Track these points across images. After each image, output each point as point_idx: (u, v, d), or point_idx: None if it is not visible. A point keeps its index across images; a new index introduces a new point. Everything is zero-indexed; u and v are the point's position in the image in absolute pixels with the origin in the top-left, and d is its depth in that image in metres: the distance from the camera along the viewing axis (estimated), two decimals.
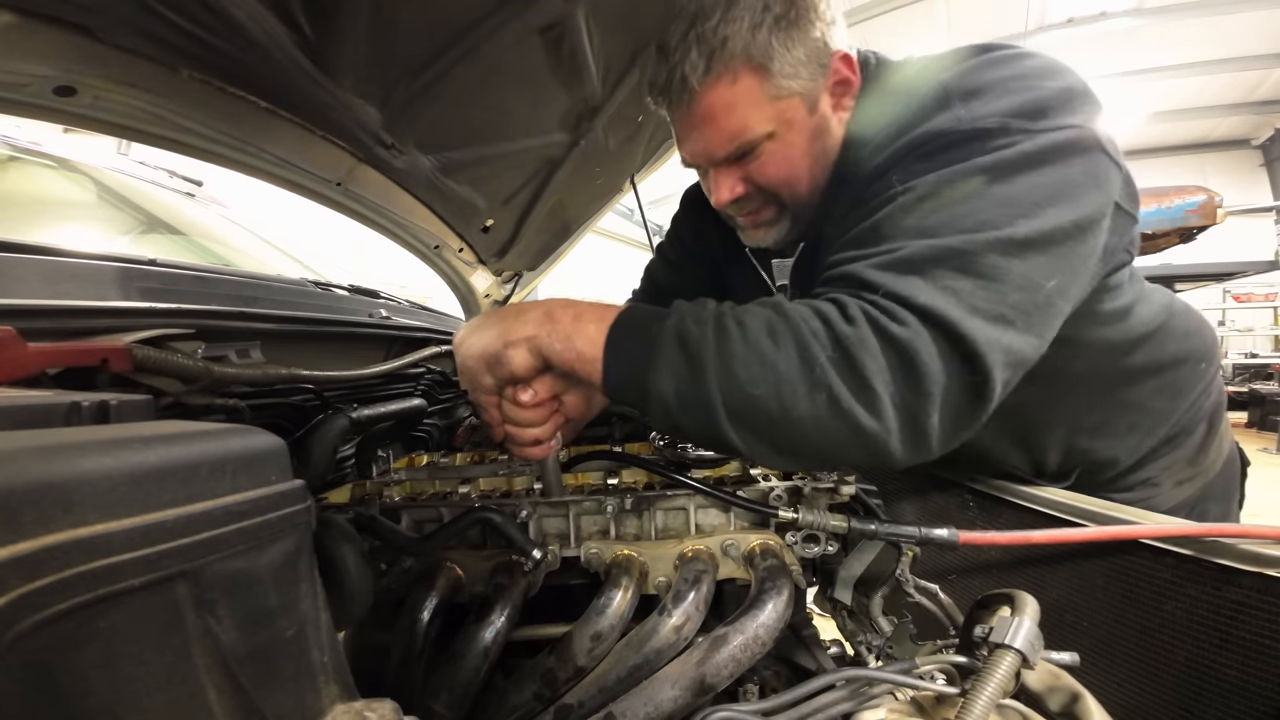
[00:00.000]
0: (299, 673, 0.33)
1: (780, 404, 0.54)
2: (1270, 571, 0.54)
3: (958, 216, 0.56)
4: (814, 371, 0.54)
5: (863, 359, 0.53)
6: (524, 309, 0.64)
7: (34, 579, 0.22)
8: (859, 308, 0.55)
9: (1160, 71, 8.71)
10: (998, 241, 0.55)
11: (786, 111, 0.71)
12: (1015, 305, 0.54)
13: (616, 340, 0.60)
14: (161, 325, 0.65)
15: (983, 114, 0.59)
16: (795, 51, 0.68)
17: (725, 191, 0.78)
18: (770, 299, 0.61)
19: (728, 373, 0.56)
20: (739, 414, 0.56)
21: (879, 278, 0.56)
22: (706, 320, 0.59)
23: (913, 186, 0.59)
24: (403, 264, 1.76)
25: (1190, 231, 6.96)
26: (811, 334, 0.55)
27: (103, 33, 0.75)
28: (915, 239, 0.56)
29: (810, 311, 0.57)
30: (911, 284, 0.54)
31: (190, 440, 0.30)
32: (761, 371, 0.55)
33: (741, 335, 0.56)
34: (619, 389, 0.61)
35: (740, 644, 0.59)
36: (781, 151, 0.74)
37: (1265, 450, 6.68)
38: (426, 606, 0.66)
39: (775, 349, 0.55)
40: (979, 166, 0.57)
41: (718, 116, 0.71)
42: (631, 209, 10.53)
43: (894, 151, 0.63)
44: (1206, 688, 0.58)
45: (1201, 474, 0.94)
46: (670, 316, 0.60)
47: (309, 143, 1.10)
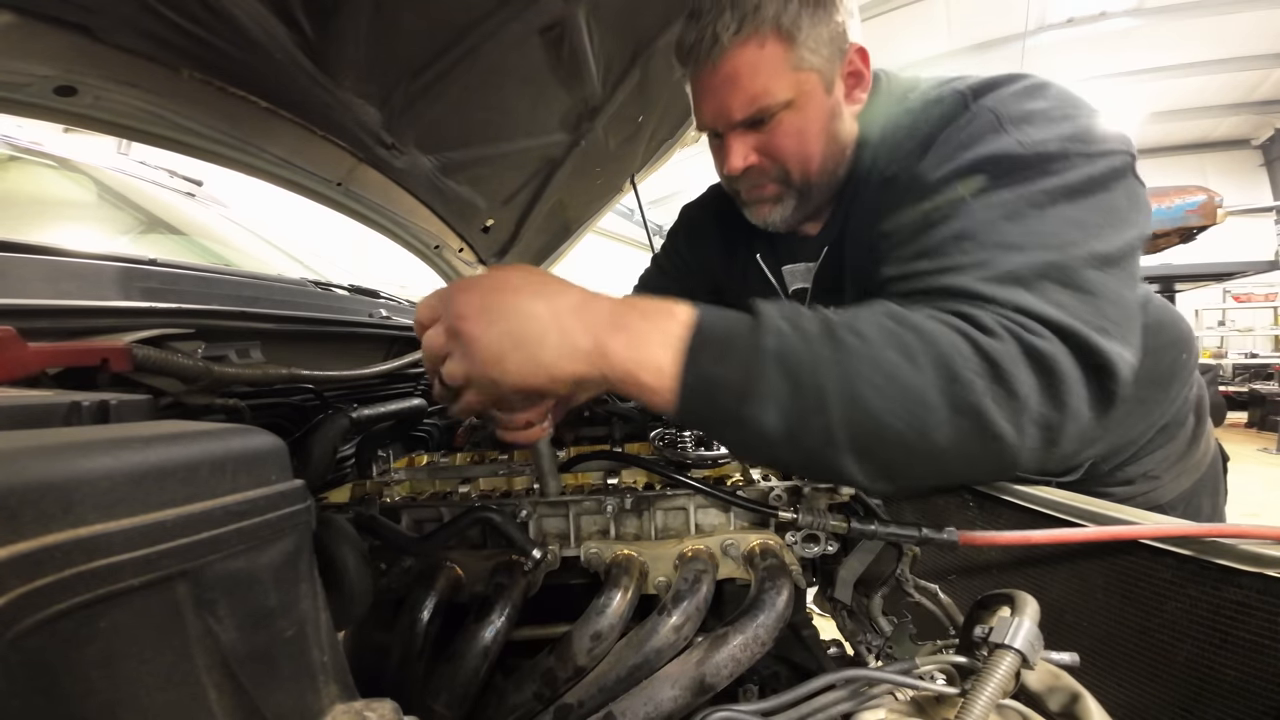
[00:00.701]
0: (299, 673, 0.33)
1: (918, 431, 0.50)
2: (1270, 571, 0.54)
3: (1041, 233, 0.57)
4: (961, 392, 0.49)
5: (1014, 373, 0.50)
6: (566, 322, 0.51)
7: (34, 579, 0.22)
8: (996, 320, 0.52)
9: (1160, 71, 8.71)
10: (1091, 257, 0.55)
11: (805, 84, 0.73)
12: (1113, 319, 0.55)
13: (695, 366, 0.51)
14: (161, 325, 0.65)
15: (1041, 139, 0.61)
16: (820, 30, 0.71)
17: (738, 159, 0.78)
18: (878, 304, 0.56)
19: (853, 400, 0.49)
20: (864, 446, 0.50)
21: (993, 291, 0.54)
22: (816, 336, 0.51)
23: (992, 203, 0.59)
24: (403, 264, 1.77)
25: (1190, 231, 6.96)
26: (953, 348, 0.50)
27: (103, 33, 0.75)
28: (1010, 253, 0.56)
29: (943, 324, 0.52)
30: (1027, 298, 0.53)
31: (190, 440, 0.30)
32: (896, 395, 0.49)
33: (868, 352, 0.50)
34: (694, 415, 0.53)
35: (740, 644, 0.59)
36: (797, 123, 0.75)
37: (1265, 450, 6.67)
38: (426, 606, 0.66)
39: (913, 368, 0.50)
40: (1053, 187, 0.58)
41: (742, 77, 0.72)
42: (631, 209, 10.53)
43: (956, 168, 0.63)
44: (1206, 688, 0.58)
45: (1195, 467, 0.98)
46: (765, 332, 0.51)
47: (309, 143, 1.10)
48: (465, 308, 0.51)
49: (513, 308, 0.51)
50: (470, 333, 0.50)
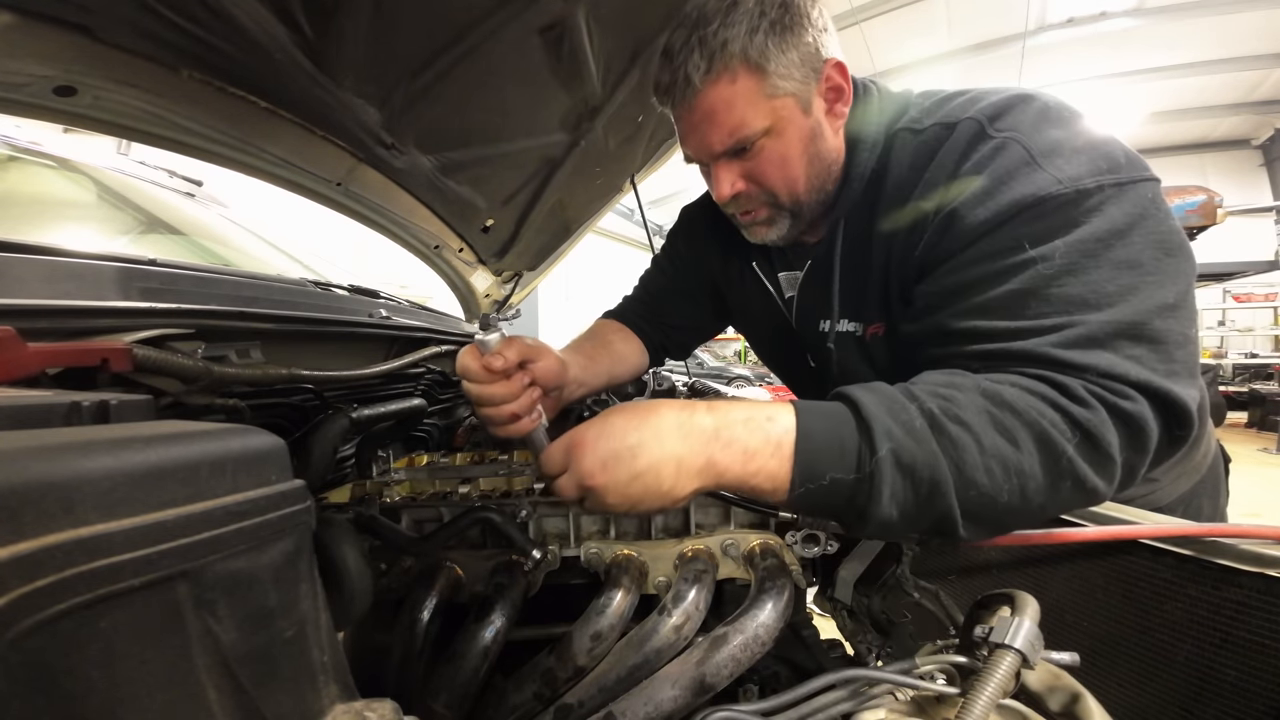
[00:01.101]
0: (299, 673, 0.33)
1: (1024, 499, 0.56)
2: (1270, 571, 0.54)
3: (1102, 284, 0.59)
4: (1060, 463, 0.55)
5: (1106, 438, 0.55)
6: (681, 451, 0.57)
7: (34, 579, 0.22)
8: (1084, 388, 0.57)
9: (1160, 71, 8.70)
10: (1156, 309, 0.59)
11: (782, 110, 0.74)
12: (1182, 360, 0.59)
13: (811, 471, 0.56)
14: (161, 325, 0.65)
15: (1075, 175, 0.63)
16: (789, 54, 0.72)
17: (726, 187, 0.80)
18: (967, 379, 0.60)
19: (968, 485, 0.55)
20: (975, 517, 0.57)
21: (1074, 357, 0.58)
22: (925, 434, 0.56)
23: (1048, 256, 0.61)
24: (404, 264, 1.77)
25: (1190, 231, 6.96)
26: (1051, 425, 0.55)
27: (103, 33, 0.75)
28: (1076, 311, 0.59)
29: (1037, 399, 0.57)
30: (1108, 359, 0.57)
31: (190, 440, 0.30)
32: (1004, 476, 0.55)
33: (975, 443, 0.55)
34: (812, 510, 0.62)
35: (740, 644, 0.59)
36: (778, 149, 0.77)
37: (1265, 450, 6.67)
38: (426, 606, 0.66)
39: (1016, 450, 0.55)
40: (1104, 232, 0.61)
41: (718, 113, 0.74)
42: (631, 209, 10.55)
43: (1001, 212, 0.64)
44: (1206, 688, 0.58)
45: (1194, 469, 0.97)
46: (879, 442, 0.55)
47: (309, 143, 1.10)
48: (590, 466, 0.58)
49: (628, 453, 0.57)
50: (601, 487, 0.58)
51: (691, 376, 1.73)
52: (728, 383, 7.46)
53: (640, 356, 1.14)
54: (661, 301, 1.19)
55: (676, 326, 1.20)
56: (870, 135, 0.80)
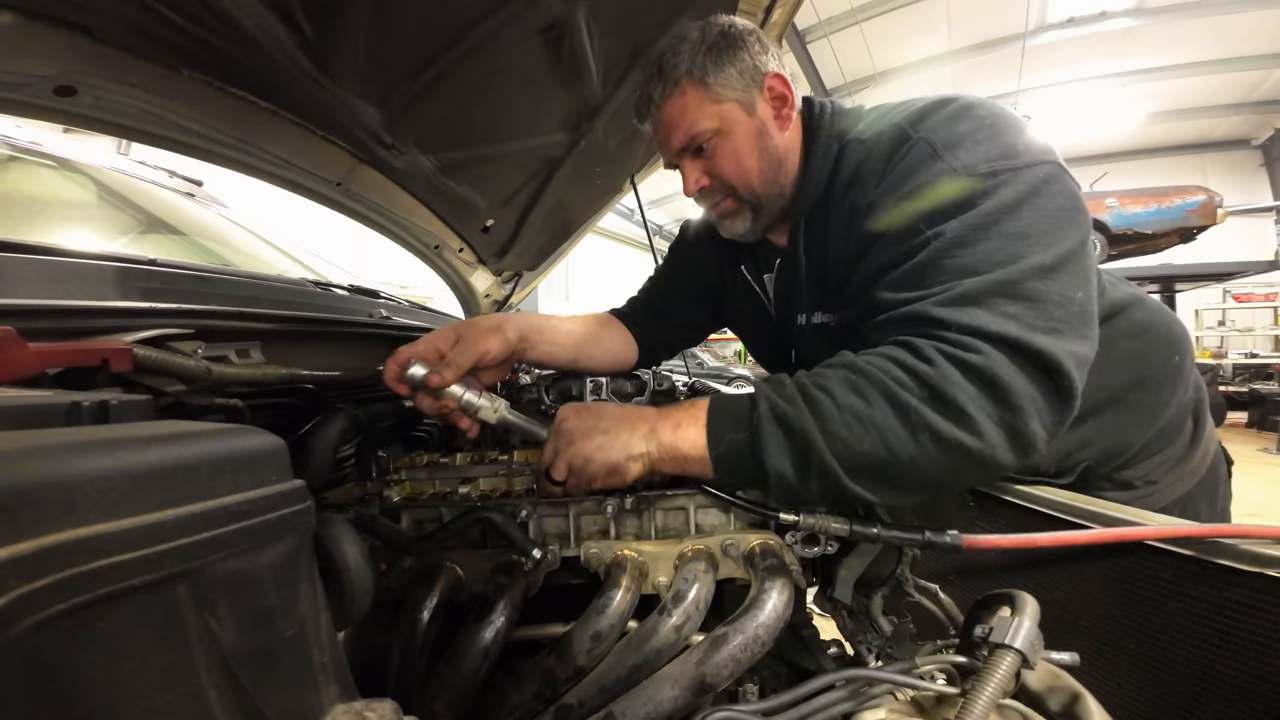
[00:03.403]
0: (299, 673, 0.33)
1: (889, 451, 0.62)
2: (1270, 571, 0.54)
3: (990, 253, 0.66)
4: (910, 415, 0.61)
5: (951, 392, 0.60)
6: (634, 420, 0.72)
7: (34, 579, 0.22)
8: (932, 348, 0.63)
9: (1160, 71, 8.71)
10: (1031, 269, 0.64)
11: (727, 113, 0.88)
12: (1060, 318, 0.63)
13: (717, 435, 0.69)
14: (161, 325, 0.65)
15: (970, 162, 0.71)
16: (727, 70, 0.86)
17: (691, 183, 0.94)
18: (840, 358, 0.69)
19: (832, 437, 0.63)
20: (855, 469, 0.63)
21: (945, 314, 0.64)
22: (794, 396, 0.66)
23: (941, 232, 0.69)
24: (404, 264, 1.77)
25: (1190, 231, 6.97)
26: (895, 382, 0.63)
27: (103, 33, 0.75)
28: (962, 277, 0.66)
29: (886, 361, 0.65)
30: (976, 315, 0.63)
31: (190, 440, 0.30)
32: (861, 428, 0.62)
33: (831, 400, 0.64)
34: (732, 475, 0.70)
35: (740, 644, 0.59)
36: (729, 145, 0.90)
37: (1265, 450, 6.67)
38: (426, 606, 0.66)
39: (867, 405, 0.63)
40: (992, 208, 0.68)
41: (674, 120, 0.90)
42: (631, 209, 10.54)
43: (902, 198, 0.74)
44: (1206, 688, 0.58)
45: (1192, 472, 0.99)
46: (759, 402, 0.67)
47: (309, 143, 1.10)
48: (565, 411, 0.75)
49: (595, 414, 0.74)
50: (571, 434, 0.72)
51: (691, 376, 1.73)
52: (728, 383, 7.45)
53: (624, 347, 1.20)
54: (664, 300, 1.26)
55: (678, 324, 1.27)
56: (822, 144, 0.91)
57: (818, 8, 7.10)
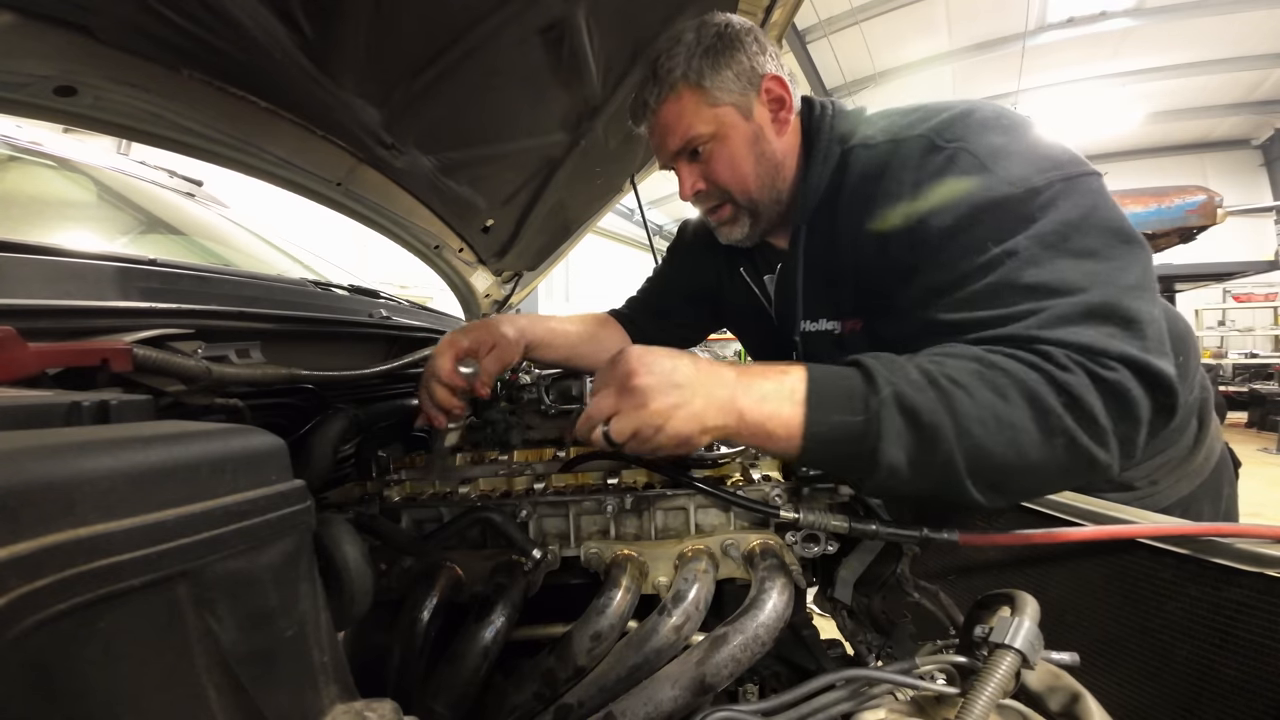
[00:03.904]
0: (299, 673, 0.33)
1: (1019, 453, 0.60)
2: (1270, 571, 0.54)
3: (1067, 271, 0.65)
4: (1049, 419, 0.60)
5: (1089, 401, 0.60)
6: (712, 386, 0.64)
7: (34, 579, 0.22)
8: (1066, 356, 0.61)
9: (1160, 71, 8.70)
10: (1123, 290, 0.64)
11: (723, 116, 0.87)
12: (1151, 338, 0.63)
13: (820, 415, 0.62)
14: (161, 325, 0.65)
15: (1023, 175, 0.69)
16: (724, 72, 0.85)
17: (687, 187, 0.93)
18: (956, 348, 0.66)
19: (965, 434, 0.60)
20: (978, 471, 0.61)
21: (1053, 334, 0.63)
22: (922, 384, 0.62)
23: (1013, 251, 0.67)
24: (404, 264, 1.76)
25: (1190, 231, 6.95)
26: (1036, 384, 0.60)
27: (103, 33, 0.75)
28: (1052, 298, 0.64)
29: (1019, 364, 0.62)
30: (1087, 334, 0.62)
31: (190, 440, 0.30)
32: (997, 427, 0.60)
33: (967, 395, 0.61)
34: (824, 459, 0.66)
35: (740, 644, 0.59)
36: (725, 150, 0.89)
37: (1265, 450, 6.67)
38: (426, 606, 0.66)
39: (1006, 403, 0.60)
40: (1058, 224, 0.67)
41: (670, 124, 0.89)
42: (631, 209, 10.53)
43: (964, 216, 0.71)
44: (1206, 688, 0.58)
45: (1195, 472, 0.98)
46: (880, 385, 0.62)
47: (309, 143, 1.10)
48: (636, 365, 0.63)
49: (670, 372, 0.63)
50: (644, 387, 0.62)
51: None
52: None
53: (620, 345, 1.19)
54: (662, 301, 1.27)
55: (676, 325, 1.27)
56: (823, 147, 0.89)
57: (818, 8, 7.10)
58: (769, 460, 0.82)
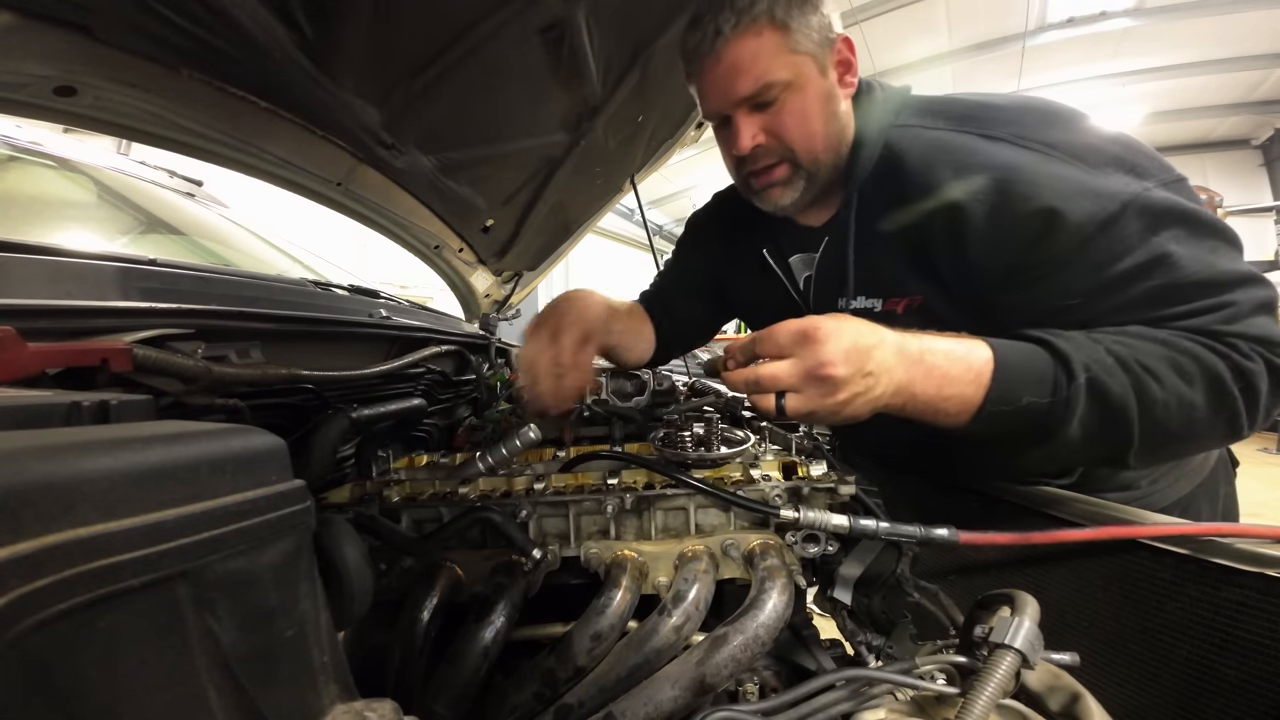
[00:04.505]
0: (299, 673, 0.33)
1: (1190, 429, 0.67)
2: (1270, 571, 0.54)
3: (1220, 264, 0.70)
4: (1226, 401, 0.66)
5: (1260, 386, 0.67)
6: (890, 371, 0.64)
7: (34, 579, 0.22)
8: (1249, 348, 0.67)
9: (1160, 71, 8.69)
10: (1261, 280, 0.71)
11: (802, 65, 0.81)
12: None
13: (1008, 394, 0.65)
14: (161, 325, 0.65)
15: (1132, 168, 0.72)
16: (809, 18, 0.80)
17: (747, 138, 0.84)
18: (1143, 330, 0.69)
19: (1151, 419, 0.65)
20: (1147, 444, 0.67)
21: (1236, 329, 0.68)
22: (1115, 368, 0.66)
23: (1166, 250, 0.69)
24: (404, 264, 1.76)
25: None
26: (1222, 370, 0.66)
27: (103, 33, 0.75)
28: (1218, 294, 0.69)
29: (1210, 351, 0.67)
30: (1261, 326, 0.68)
31: (190, 440, 0.30)
32: (1179, 411, 0.65)
33: (1157, 381, 0.65)
34: (997, 428, 0.68)
35: (740, 644, 0.59)
36: (799, 103, 0.82)
37: (1265, 450, 6.67)
38: (426, 606, 0.66)
39: (1190, 389, 0.66)
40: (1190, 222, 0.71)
41: (744, 61, 0.80)
42: (631, 209, 10.57)
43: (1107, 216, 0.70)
44: (1206, 688, 0.58)
45: (1194, 472, 0.98)
46: (1076, 370, 0.65)
47: (309, 143, 1.10)
48: (834, 354, 0.61)
49: (866, 352, 0.62)
50: (840, 378, 0.61)
51: (691, 376, 1.73)
52: None
53: (648, 344, 1.17)
54: (673, 297, 1.25)
55: (682, 320, 1.25)
56: (876, 122, 0.85)
57: None
58: (769, 460, 0.82)
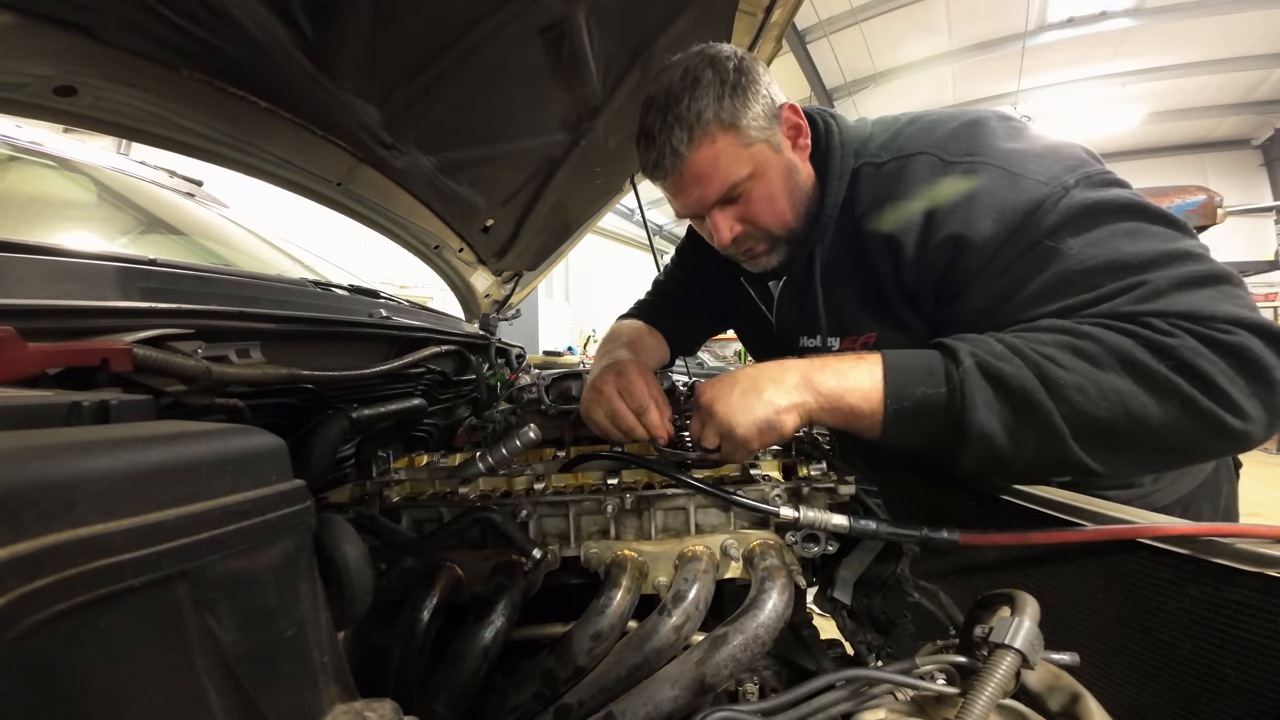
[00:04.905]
0: (299, 673, 0.33)
1: (1130, 416, 0.60)
2: (1270, 571, 0.54)
3: (1135, 250, 0.65)
4: (1156, 381, 0.60)
5: (1199, 364, 0.59)
6: (776, 374, 0.71)
7: (34, 579, 0.22)
8: (1167, 323, 0.61)
9: (1160, 71, 8.70)
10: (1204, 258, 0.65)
11: (758, 155, 0.83)
12: (1249, 299, 0.63)
13: (901, 389, 0.65)
14: (161, 325, 0.65)
15: (1054, 174, 0.71)
16: (753, 108, 0.81)
17: (726, 232, 0.89)
18: (1040, 325, 0.67)
19: (1061, 400, 0.61)
20: (1085, 435, 0.62)
21: (1152, 307, 0.62)
22: (1006, 354, 0.63)
23: (1073, 243, 0.68)
24: (404, 264, 1.76)
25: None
26: (1132, 349, 0.61)
27: (103, 33, 0.75)
28: (1132, 274, 0.64)
29: (1113, 333, 0.62)
30: (1193, 300, 0.61)
31: (190, 440, 0.30)
32: (1097, 392, 0.60)
33: (1053, 360, 0.62)
34: (911, 434, 0.67)
35: (740, 644, 0.59)
36: (763, 189, 0.86)
37: (1265, 450, 6.68)
38: (426, 606, 0.66)
39: (1100, 370, 0.61)
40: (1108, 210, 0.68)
41: (705, 171, 0.83)
42: (631, 209, 10.58)
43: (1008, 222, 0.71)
44: (1206, 688, 0.58)
45: (1196, 471, 0.98)
46: (961, 356, 0.64)
47: (309, 143, 1.10)
48: (707, 397, 0.73)
49: (731, 379, 0.73)
50: (710, 404, 0.72)
51: (691, 376, 1.73)
52: None
53: (665, 356, 1.24)
54: (675, 304, 1.29)
55: (685, 329, 1.29)
56: (836, 167, 0.88)
57: (818, 8, 7.10)
58: (769, 460, 0.82)
